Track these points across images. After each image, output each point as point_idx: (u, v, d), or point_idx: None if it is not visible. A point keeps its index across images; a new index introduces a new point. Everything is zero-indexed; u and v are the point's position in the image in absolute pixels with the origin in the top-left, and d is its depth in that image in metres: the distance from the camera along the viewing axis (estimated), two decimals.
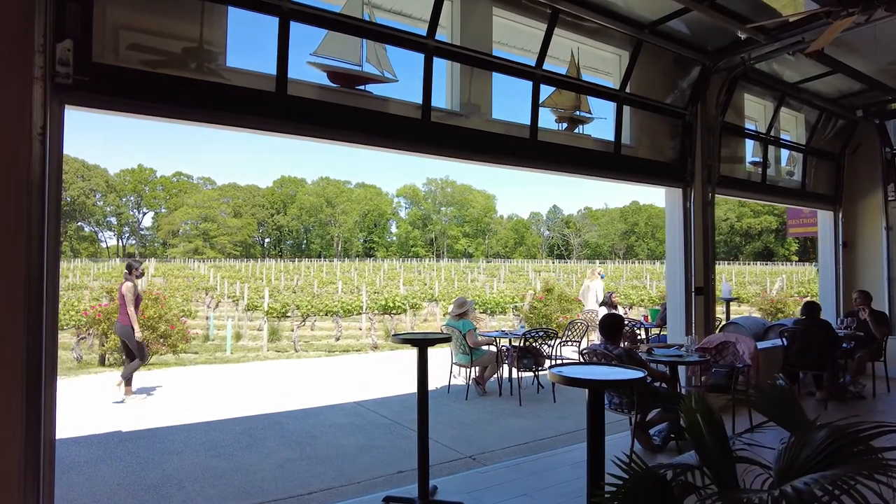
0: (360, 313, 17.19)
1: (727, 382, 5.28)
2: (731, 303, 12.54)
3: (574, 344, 8.89)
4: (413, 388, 7.66)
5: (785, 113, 8.04)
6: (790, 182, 8.22)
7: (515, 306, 17.41)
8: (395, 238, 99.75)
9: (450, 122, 4.69)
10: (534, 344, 7.39)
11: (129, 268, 7.49)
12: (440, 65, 4.60)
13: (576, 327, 9.00)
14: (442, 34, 4.65)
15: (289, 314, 15.79)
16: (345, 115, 4.09)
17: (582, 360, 5.10)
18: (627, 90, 5.77)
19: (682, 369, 5.82)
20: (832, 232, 8.80)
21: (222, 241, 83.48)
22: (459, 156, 4.76)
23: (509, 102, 5.19)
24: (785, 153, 8.24)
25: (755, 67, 6.57)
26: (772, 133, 7.55)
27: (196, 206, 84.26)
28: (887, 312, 7.99)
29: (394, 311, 17.00)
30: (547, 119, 5.38)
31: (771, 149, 7.79)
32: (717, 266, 6.78)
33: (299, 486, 4.37)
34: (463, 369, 7.69)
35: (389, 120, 4.32)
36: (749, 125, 7.52)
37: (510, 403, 7.02)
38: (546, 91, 5.25)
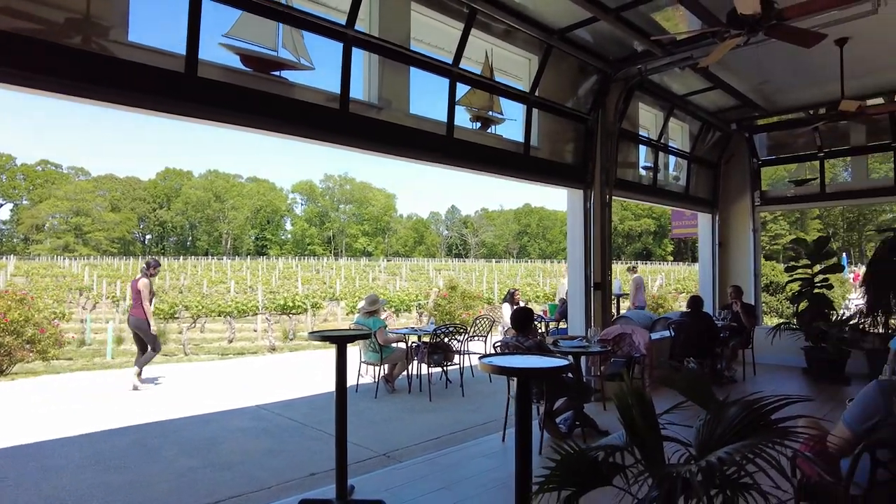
0: (256, 314, 16.48)
1: (625, 371, 5.65)
2: (620, 298, 13.43)
3: (481, 339, 9.10)
4: (321, 388, 7.57)
5: (673, 122, 8.74)
6: (676, 186, 8.95)
7: (419, 304, 17.51)
8: (290, 236, 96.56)
9: (368, 115, 4.62)
10: (444, 340, 7.47)
11: (148, 265, 8.12)
12: (358, 56, 4.52)
13: (482, 323, 9.21)
14: (360, 25, 4.56)
15: (177, 315, 14.80)
16: (259, 100, 3.90)
17: (495, 352, 5.23)
18: (537, 94, 6.00)
19: (584, 359, 6.15)
20: (710, 233, 9.72)
21: (97, 238, 76.49)
22: (378, 149, 4.70)
23: (426, 99, 5.22)
24: (672, 160, 8.96)
25: (649, 79, 7.08)
26: (662, 140, 8.18)
27: (66, 198, 76.46)
28: (753, 303, 8.94)
29: (293, 311, 16.46)
30: (461, 118, 5.47)
31: (661, 155, 8.42)
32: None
33: (206, 495, 4.09)
34: (371, 368, 7.60)
35: (306, 108, 4.17)
36: (642, 132, 8.09)
37: (420, 399, 7.04)
38: (462, 90, 5.33)
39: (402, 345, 7.55)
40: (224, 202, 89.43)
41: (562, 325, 9.88)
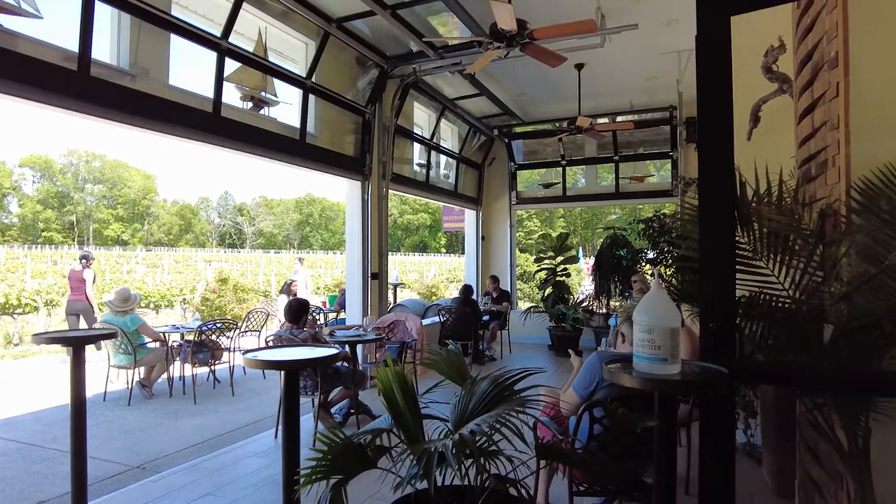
0: None
1: (398, 356, 5.90)
2: (397, 288, 13.99)
3: (255, 334, 8.64)
4: (55, 401, 6.40)
5: (444, 124, 9.33)
6: (446, 184, 9.58)
7: (184, 299, 15.95)
8: (17, 219, 79.70)
9: (117, 81, 4.01)
10: (211, 337, 6.91)
11: (85, 258, 9.51)
12: (104, 12, 3.90)
13: (256, 317, 8.75)
14: None
15: None
16: None
17: (267, 346, 5.01)
18: (314, 80, 5.88)
19: (360, 348, 6.26)
20: (475, 227, 10.64)
21: None
22: (129, 121, 4.11)
23: (191, 71, 4.73)
24: (444, 158, 9.57)
25: (424, 79, 7.45)
26: (434, 139, 8.68)
27: None
28: (509, 290, 10.06)
29: (19, 310, 13.69)
30: (232, 96, 5.09)
31: (433, 153, 8.93)
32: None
33: None
34: (124, 372, 6.68)
35: (34, 67, 3.46)
36: (417, 130, 8.48)
37: (183, 403, 6.42)
38: (233, 67, 4.96)
39: (158, 345, 6.77)
40: None
41: (342, 315, 9.91)
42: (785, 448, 3.60)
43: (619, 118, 9.23)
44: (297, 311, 4.97)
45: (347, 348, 5.22)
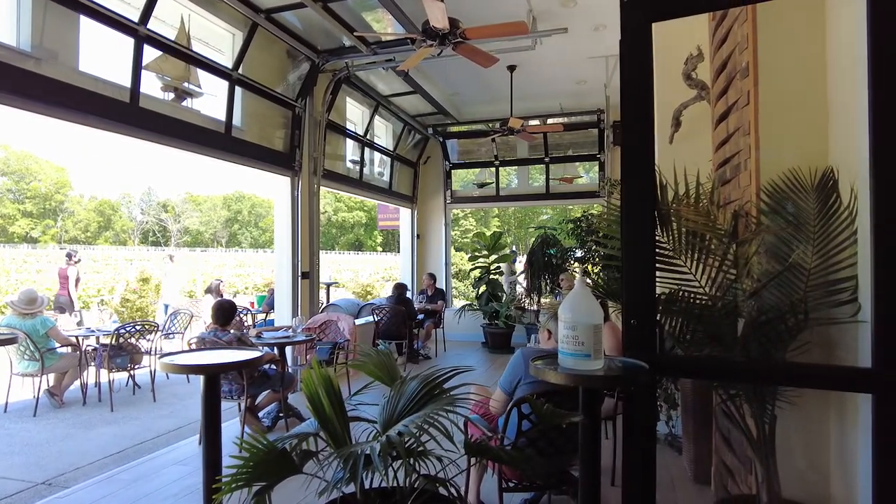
0: None
1: (330, 357, 5.78)
2: (331, 287, 13.74)
3: (179, 336, 8.24)
4: None
5: (379, 121, 9.23)
6: (381, 181, 9.49)
7: (102, 300, 15.03)
8: None
9: (19, 65, 3.70)
10: (129, 340, 6.52)
11: (69, 255, 10.58)
12: None
13: (180, 318, 8.35)
14: None
15: None
16: None
17: (189, 349, 4.77)
18: (241, 72, 5.66)
19: (290, 349, 6.09)
20: (410, 226, 10.60)
21: None
22: (32, 107, 3.79)
23: (105, 57, 4.43)
24: (378, 156, 9.46)
25: (357, 75, 7.33)
26: (368, 136, 8.57)
27: None
28: (444, 289, 10.09)
29: None
30: (152, 85, 4.82)
31: (367, 150, 8.81)
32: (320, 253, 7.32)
33: None
34: (30, 380, 6.18)
35: None
36: (350, 126, 8.34)
37: (99, 411, 6.01)
38: (152, 54, 4.69)
39: (70, 350, 6.32)
40: None
41: (271, 316, 9.61)
42: (702, 437, 3.79)
43: (549, 120, 9.44)
44: (223, 312, 4.77)
45: (275, 350, 5.06)
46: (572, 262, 9.02)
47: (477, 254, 10.23)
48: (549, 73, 7.81)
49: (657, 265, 2.16)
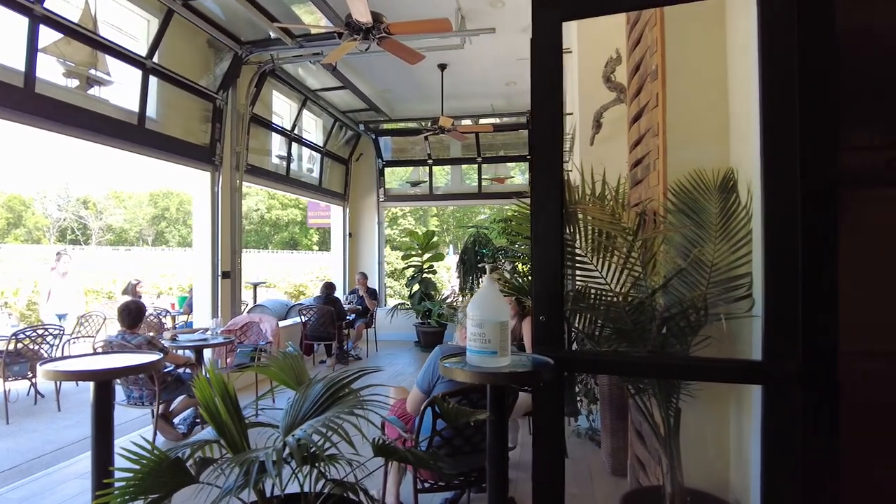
0: None
1: (251, 360, 5.57)
2: (259, 287, 13.31)
3: (90, 339, 7.73)
4: None
5: (309, 116, 9.01)
6: (310, 178, 9.25)
7: (6, 303, 13.93)
8: None
9: None
10: (29, 345, 6.03)
11: (58, 255, 8.95)
12: None
13: (92, 320, 7.84)
14: None
15: None
16: None
17: (94, 352, 4.47)
18: (156, 60, 5.36)
19: (209, 352, 5.84)
20: (342, 223, 10.41)
21: None
22: None
23: None
24: (307, 151, 9.22)
25: (283, 68, 7.11)
26: (295, 131, 8.33)
27: None
28: (377, 289, 9.98)
29: None
30: (52, 71, 4.48)
31: (296, 146, 8.57)
32: (250, 253, 7.06)
33: None
34: None
35: None
36: (277, 121, 8.09)
37: None
38: (51, 36, 4.35)
39: None
40: None
41: (192, 317, 9.19)
42: (619, 431, 3.90)
43: (481, 121, 9.51)
44: (131, 316, 4.49)
45: (191, 353, 4.83)
46: (503, 260, 9.12)
47: (410, 252, 10.18)
48: (479, 73, 7.85)
49: (566, 263, 2.18)
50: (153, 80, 5.43)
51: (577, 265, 2.38)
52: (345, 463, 1.96)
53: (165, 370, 4.61)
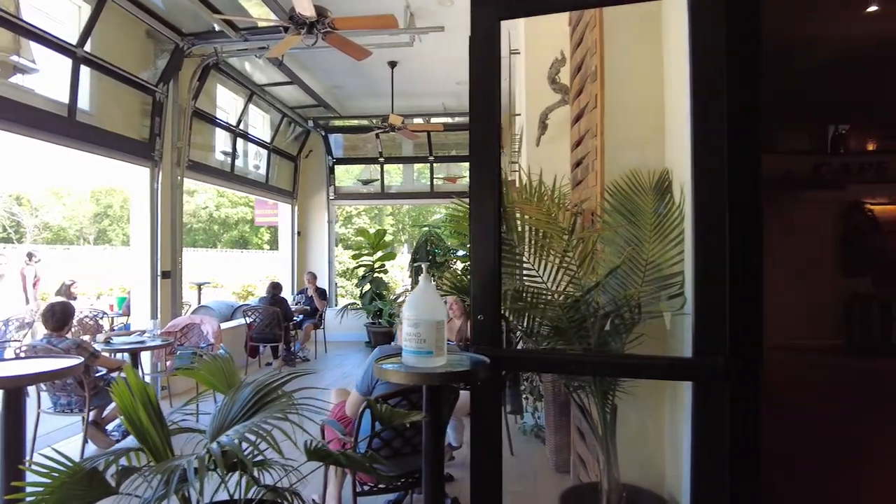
0: None
1: (191, 363, 5.37)
2: (207, 287, 12.92)
3: (16, 343, 7.30)
4: None
5: (257, 111, 8.77)
6: (257, 175, 9.01)
7: None
8: None
9: None
10: None
11: (29, 256, 10.52)
12: None
13: (16, 323, 7.41)
14: None
15: None
16: None
17: (15, 357, 4.21)
18: (88, 49, 5.10)
19: (148, 355, 5.62)
20: (290, 222, 10.19)
21: None
22: None
23: None
24: (254, 148, 8.98)
25: (228, 61, 6.90)
26: (241, 127, 8.10)
27: None
28: (327, 289, 9.82)
29: None
30: None
31: (241, 141, 8.33)
32: (198, 252, 6.81)
33: None
34: None
35: None
36: (223, 116, 7.84)
37: None
38: None
39: None
40: None
41: (131, 319, 8.82)
42: (562, 428, 3.94)
43: (432, 120, 9.49)
44: (60, 317, 4.25)
45: (126, 357, 4.62)
46: (454, 259, 9.14)
47: (361, 252, 10.07)
48: (430, 71, 7.81)
49: (504, 262, 2.18)
50: (85, 70, 5.16)
51: (516, 264, 2.39)
52: (279, 468, 1.91)
53: (97, 375, 4.40)
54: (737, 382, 1.81)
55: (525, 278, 2.36)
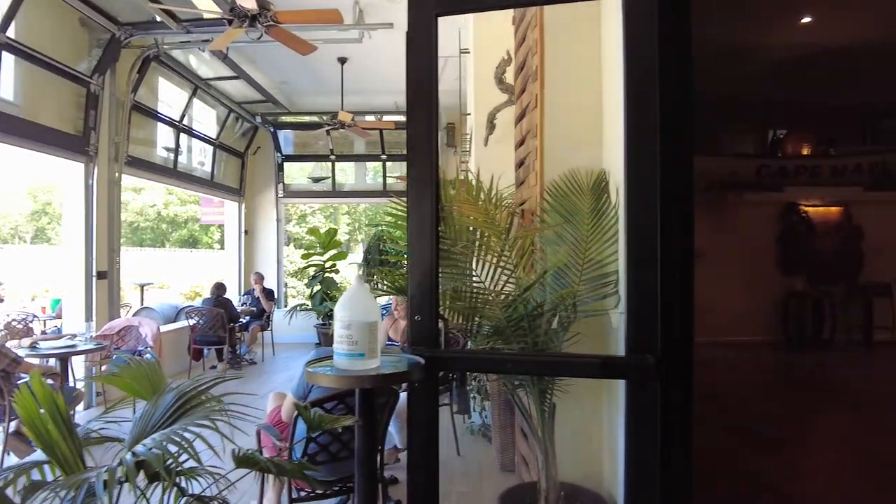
0: None
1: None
2: (150, 288, 12.45)
3: None
4: None
5: (202, 106, 8.49)
6: (202, 171, 8.72)
7: None
8: None
9: None
10: None
11: None
12: None
13: None
14: None
15: None
16: None
17: None
18: (11, 35, 4.81)
19: (82, 359, 5.36)
20: (237, 220, 9.92)
21: None
22: None
23: None
24: (199, 143, 8.68)
25: (171, 54, 6.65)
26: (185, 122, 7.82)
27: None
28: (275, 290, 9.61)
29: None
30: None
31: (185, 137, 8.05)
32: (144, 251, 6.54)
33: None
34: None
35: None
36: (165, 110, 7.55)
37: None
38: None
39: None
40: None
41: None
42: (507, 427, 3.96)
43: (385, 117, 9.40)
44: None
45: (54, 362, 4.39)
46: (406, 258, 9.07)
47: (310, 251, 9.88)
48: (381, 69, 7.73)
49: (443, 262, 2.15)
50: (9, 58, 4.87)
51: (456, 263, 2.37)
52: (207, 476, 1.82)
53: (20, 381, 4.15)
54: (667, 381, 1.83)
55: (465, 278, 2.34)
